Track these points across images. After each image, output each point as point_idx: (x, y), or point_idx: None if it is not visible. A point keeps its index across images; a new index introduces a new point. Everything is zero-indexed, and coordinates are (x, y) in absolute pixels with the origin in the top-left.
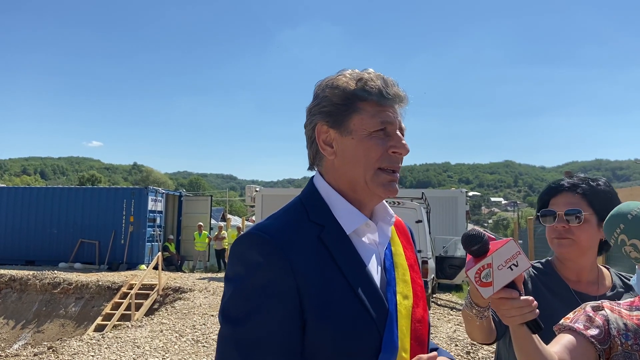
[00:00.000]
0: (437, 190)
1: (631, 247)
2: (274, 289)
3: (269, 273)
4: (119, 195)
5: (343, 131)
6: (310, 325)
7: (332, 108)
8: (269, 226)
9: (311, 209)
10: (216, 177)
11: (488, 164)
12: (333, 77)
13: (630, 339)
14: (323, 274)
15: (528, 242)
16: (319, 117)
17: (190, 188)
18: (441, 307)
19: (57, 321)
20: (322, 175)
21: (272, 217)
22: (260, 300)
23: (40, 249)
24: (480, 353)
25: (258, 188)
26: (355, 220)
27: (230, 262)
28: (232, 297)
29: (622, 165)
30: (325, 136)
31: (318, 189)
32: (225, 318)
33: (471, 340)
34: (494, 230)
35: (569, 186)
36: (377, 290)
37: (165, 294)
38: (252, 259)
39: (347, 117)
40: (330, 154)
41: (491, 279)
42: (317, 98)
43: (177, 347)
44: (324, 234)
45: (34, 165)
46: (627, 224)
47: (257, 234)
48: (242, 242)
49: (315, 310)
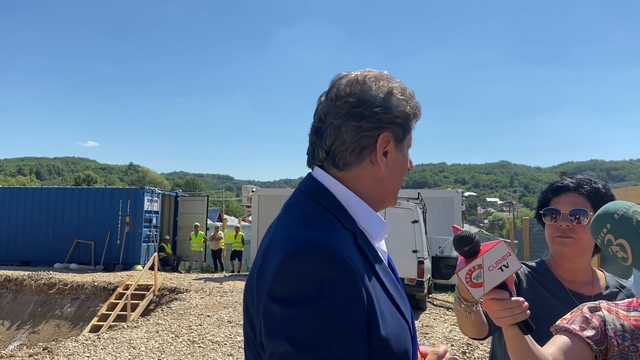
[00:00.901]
0: (433, 191)
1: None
2: (352, 307)
3: (345, 290)
4: (115, 196)
5: (400, 146)
6: (373, 338)
7: (404, 122)
8: (325, 238)
9: (340, 216)
10: (212, 177)
11: (484, 164)
12: (389, 82)
13: (627, 340)
14: (372, 284)
15: (524, 242)
16: (391, 127)
17: (186, 188)
18: (437, 307)
19: (52, 322)
20: (341, 178)
21: (312, 227)
22: (341, 322)
23: (35, 249)
24: (476, 353)
25: (255, 188)
26: (379, 226)
27: (291, 281)
28: (305, 321)
29: (617, 166)
30: (387, 146)
31: (332, 192)
32: (299, 345)
33: (464, 335)
34: (490, 230)
35: (573, 186)
36: (402, 293)
37: (161, 294)
38: (323, 277)
39: (408, 133)
40: (383, 165)
41: (482, 279)
42: (385, 105)
43: (173, 348)
44: (360, 241)
45: (29, 166)
46: (613, 223)
47: (321, 248)
48: (305, 258)
49: (376, 323)
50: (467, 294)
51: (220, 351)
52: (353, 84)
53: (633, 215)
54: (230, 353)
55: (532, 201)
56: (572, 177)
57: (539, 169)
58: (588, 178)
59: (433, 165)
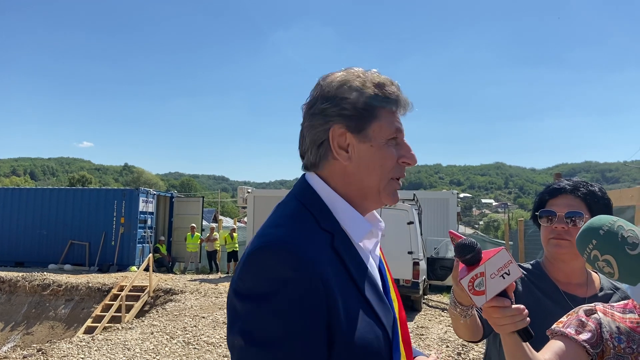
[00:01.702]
0: (428, 192)
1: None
2: (308, 306)
3: (301, 289)
4: (110, 196)
5: (362, 137)
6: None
7: (354, 112)
8: (290, 237)
9: (319, 216)
10: (208, 178)
11: (479, 165)
12: (345, 75)
13: (623, 342)
14: (342, 286)
15: (518, 244)
16: (338, 120)
17: (181, 189)
18: (432, 309)
19: (46, 323)
20: (323, 178)
21: (283, 226)
22: (295, 320)
23: (29, 250)
24: (471, 354)
25: (250, 189)
26: (362, 228)
27: (251, 277)
28: (259, 317)
29: (611, 167)
30: (341, 139)
31: (318, 192)
32: (252, 340)
33: (458, 337)
34: (485, 231)
35: (570, 188)
36: (383, 298)
37: (156, 295)
38: (281, 275)
39: (368, 123)
40: (345, 159)
41: (484, 287)
42: (333, 98)
43: (167, 349)
44: (336, 243)
45: (23, 166)
46: (599, 239)
47: (283, 247)
48: (266, 256)
49: (340, 327)
50: (462, 298)
51: (216, 352)
52: (315, 86)
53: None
54: (225, 354)
55: (527, 202)
56: (569, 180)
57: (534, 170)
58: (585, 181)
59: (428, 166)
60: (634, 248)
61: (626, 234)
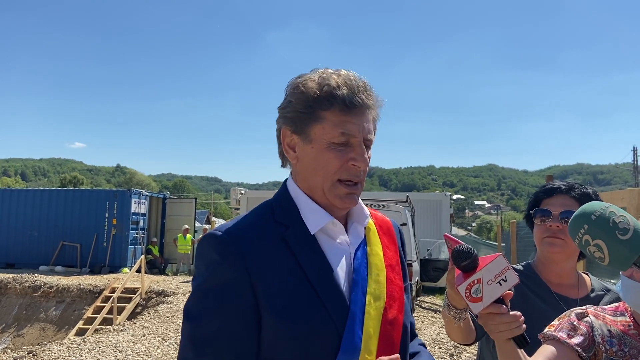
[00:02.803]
0: (421, 194)
1: (595, 247)
2: (228, 287)
3: (225, 272)
4: (102, 198)
5: (304, 138)
6: (267, 324)
7: (294, 115)
8: (231, 226)
9: (278, 209)
10: (201, 179)
11: (472, 167)
12: (302, 78)
13: (614, 345)
14: (283, 273)
15: (511, 246)
16: (284, 122)
17: (174, 190)
18: (425, 310)
19: (37, 325)
20: (292, 176)
21: (238, 218)
22: (215, 299)
23: (20, 251)
24: (464, 355)
25: (243, 190)
26: (320, 219)
27: (195, 262)
28: (192, 295)
29: (602, 170)
30: (289, 140)
31: (288, 189)
32: (185, 315)
33: (451, 340)
34: (478, 233)
35: (565, 189)
36: (338, 290)
37: (148, 297)
38: (211, 258)
39: (309, 125)
40: (293, 158)
41: (481, 294)
42: (284, 101)
43: (159, 352)
44: (288, 234)
45: (14, 167)
46: (590, 224)
47: (215, 234)
48: (203, 242)
49: (272, 309)
50: (456, 302)
51: None
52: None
53: (610, 216)
54: None
55: (520, 204)
56: (564, 181)
57: (526, 172)
58: (579, 183)
59: (422, 168)
60: (624, 233)
61: (617, 220)
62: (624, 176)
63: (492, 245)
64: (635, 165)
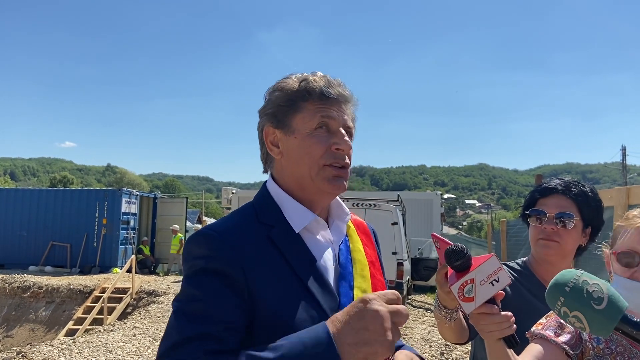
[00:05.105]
0: (412, 193)
1: (574, 318)
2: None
3: (217, 262)
4: (92, 197)
5: (287, 131)
6: (259, 315)
7: (275, 109)
8: (219, 225)
9: (260, 211)
10: (192, 179)
11: (463, 166)
12: (280, 81)
13: (601, 343)
14: (273, 270)
15: (501, 244)
16: (265, 119)
17: (165, 190)
18: (416, 309)
19: (26, 326)
20: (273, 177)
21: (222, 219)
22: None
23: (9, 251)
24: (454, 354)
25: (234, 190)
26: (303, 218)
27: (183, 262)
28: (182, 288)
29: (592, 169)
30: (272, 137)
31: (269, 191)
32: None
33: (444, 340)
34: (469, 232)
35: (562, 188)
36: (327, 284)
37: (138, 297)
38: (201, 253)
39: (290, 116)
40: (277, 154)
41: (473, 294)
42: (264, 102)
43: (150, 352)
44: (273, 233)
45: (3, 166)
46: (566, 296)
47: (205, 232)
48: (192, 241)
49: (264, 301)
50: (447, 302)
51: None
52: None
53: (582, 285)
54: None
55: (510, 203)
56: (561, 179)
57: (517, 171)
58: (577, 180)
59: (413, 167)
60: (599, 303)
61: (591, 289)
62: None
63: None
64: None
